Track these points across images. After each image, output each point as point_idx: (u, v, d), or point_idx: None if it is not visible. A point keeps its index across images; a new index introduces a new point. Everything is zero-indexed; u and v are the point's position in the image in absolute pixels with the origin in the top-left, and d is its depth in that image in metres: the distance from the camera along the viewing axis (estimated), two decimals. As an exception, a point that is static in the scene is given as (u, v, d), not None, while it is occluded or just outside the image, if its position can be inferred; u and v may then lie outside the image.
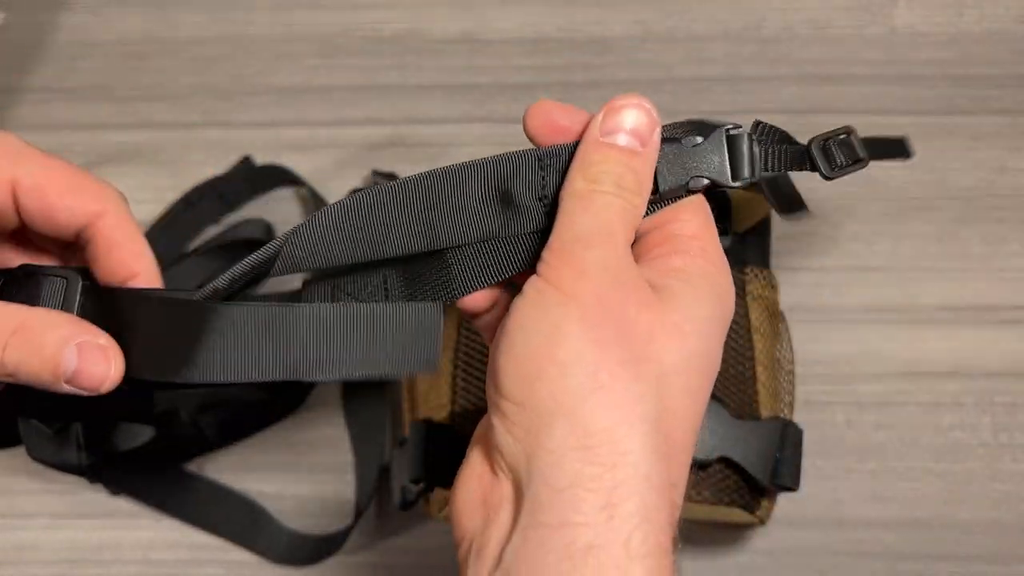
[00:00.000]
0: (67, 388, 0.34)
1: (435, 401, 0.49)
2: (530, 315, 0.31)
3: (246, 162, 0.59)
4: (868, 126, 0.60)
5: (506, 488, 0.31)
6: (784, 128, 0.62)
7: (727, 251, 0.49)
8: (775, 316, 0.51)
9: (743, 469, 0.46)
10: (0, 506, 0.56)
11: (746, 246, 0.51)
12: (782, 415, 0.49)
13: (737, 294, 0.50)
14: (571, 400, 0.29)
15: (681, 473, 0.31)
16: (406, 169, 0.59)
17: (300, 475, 0.56)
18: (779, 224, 0.56)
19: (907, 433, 0.56)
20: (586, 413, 0.29)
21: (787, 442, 0.47)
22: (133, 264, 0.37)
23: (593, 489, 0.28)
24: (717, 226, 0.49)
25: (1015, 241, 0.58)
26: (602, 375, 0.29)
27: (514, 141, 0.62)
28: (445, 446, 0.48)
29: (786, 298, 0.54)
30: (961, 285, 0.58)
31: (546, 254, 0.32)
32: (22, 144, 0.36)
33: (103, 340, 0.34)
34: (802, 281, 0.57)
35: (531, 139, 0.35)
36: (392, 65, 0.62)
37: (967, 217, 0.59)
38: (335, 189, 0.60)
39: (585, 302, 0.30)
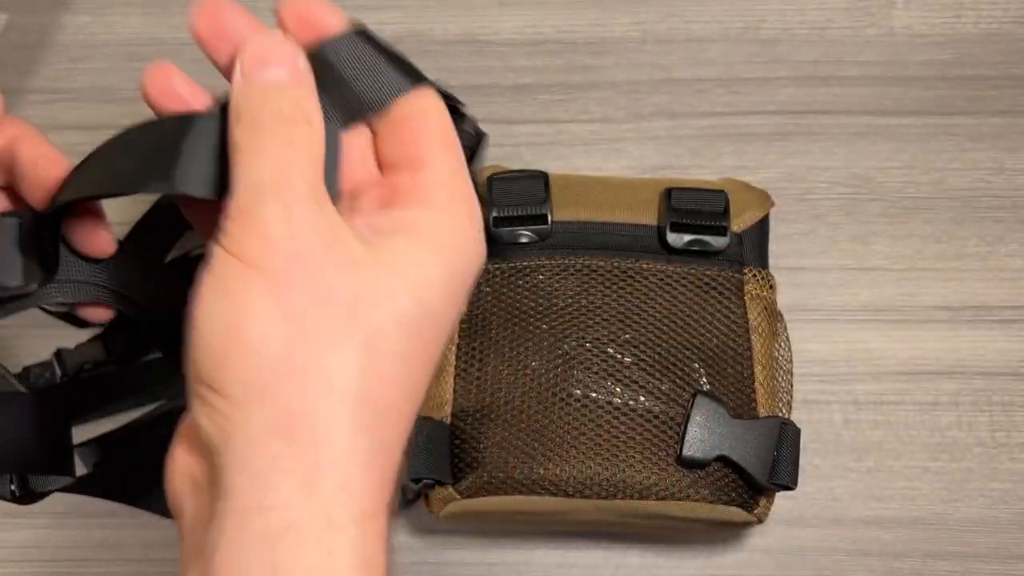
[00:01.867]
0: None
1: (435, 400, 0.50)
2: (214, 292, 0.28)
3: None
4: (866, 127, 0.61)
5: (208, 468, 0.29)
6: (783, 128, 0.63)
7: (726, 251, 0.50)
8: (773, 316, 0.51)
9: (741, 468, 0.46)
10: (1, 505, 0.56)
11: (744, 246, 0.51)
12: (780, 414, 0.49)
13: (735, 294, 0.50)
14: (266, 383, 0.27)
15: (395, 435, 0.29)
16: (406, 169, 0.59)
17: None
18: (778, 224, 0.56)
19: (905, 432, 0.56)
20: (283, 396, 0.27)
21: (785, 441, 0.48)
22: (58, 172, 0.36)
23: (292, 470, 0.27)
24: (716, 226, 0.50)
25: (1013, 241, 0.58)
26: (297, 354, 0.27)
27: (513, 141, 0.63)
28: (445, 445, 0.48)
29: (784, 298, 0.54)
30: (959, 285, 0.58)
31: (223, 221, 0.28)
32: None
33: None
34: (800, 281, 0.58)
35: (199, 41, 0.33)
36: (392, 66, 0.62)
37: (965, 217, 0.59)
38: (335, 189, 0.60)
39: (271, 270, 0.27)
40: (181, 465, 0.30)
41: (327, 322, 0.27)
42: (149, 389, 0.55)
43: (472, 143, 0.33)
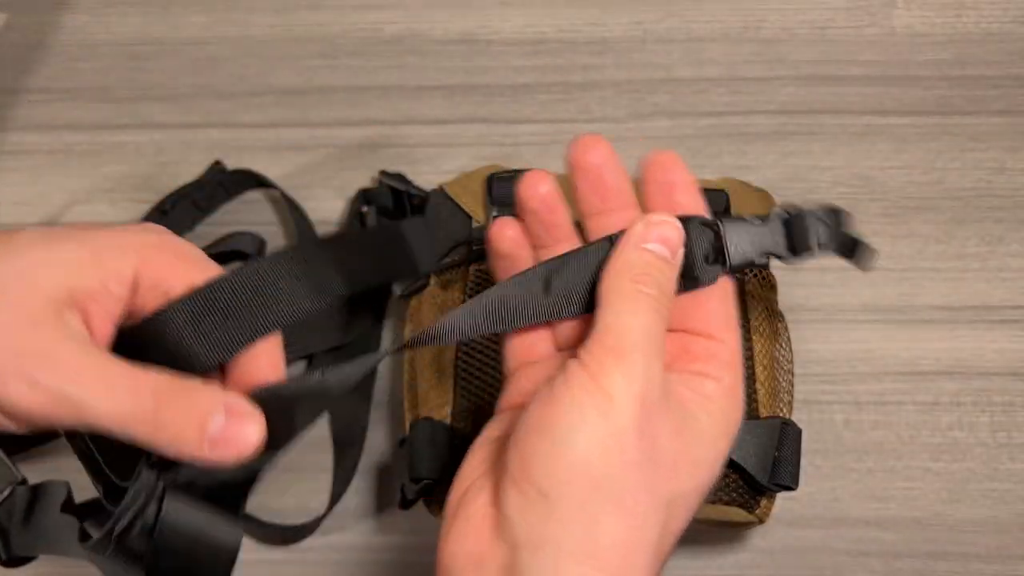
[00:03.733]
0: (207, 454, 0.35)
1: (435, 400, 0.49)
2: (573, 414, 0.32)
3: (217, 166, 0.59)
4: (867, 126, 0.61)
5: (503, 556, 0.32)
6: (784, 128, 0.63)
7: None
8: (774, 316, 0.51)
9: (742, 468, 0.46)
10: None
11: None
12: (781, 414, 0.49)
13: (735, 294, 0.50)
14: (593, 512, 0.31)
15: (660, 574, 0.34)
16: (406, 169, 0.59)
17: (300, 474, 0.56)
18: (778, 224, 0.56)
19: (905, 432, 0.56)
20: (603, 527, 0.31)
21: (786, 441, 0.48)
22: (269, 369, 0.39)
23: None
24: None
25: (1014, 241, 0.58)
26: (627, 499, 0.31)
27: (513, 141, 0.63)
28: (445, 445, 0.48)
29: (785, 298, 0.54)
30: (959, 285, 0.58)
31: (595, 346, 0.33)
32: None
33: (249, 407, 0.36)
34: (801, 281, 0.58)
35: (644, 180, 0.38)
36: (392, 65, 0.62)
37: (965, 217, 0.59)
38: (336, 189, 0.60)
39: (627, 419, 0.32)
40: (464, 547, 0.34)
41: (652, 481, 0.32)
42: None
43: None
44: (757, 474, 0.46)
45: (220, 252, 0.58)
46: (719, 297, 0.37)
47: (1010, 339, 0.57)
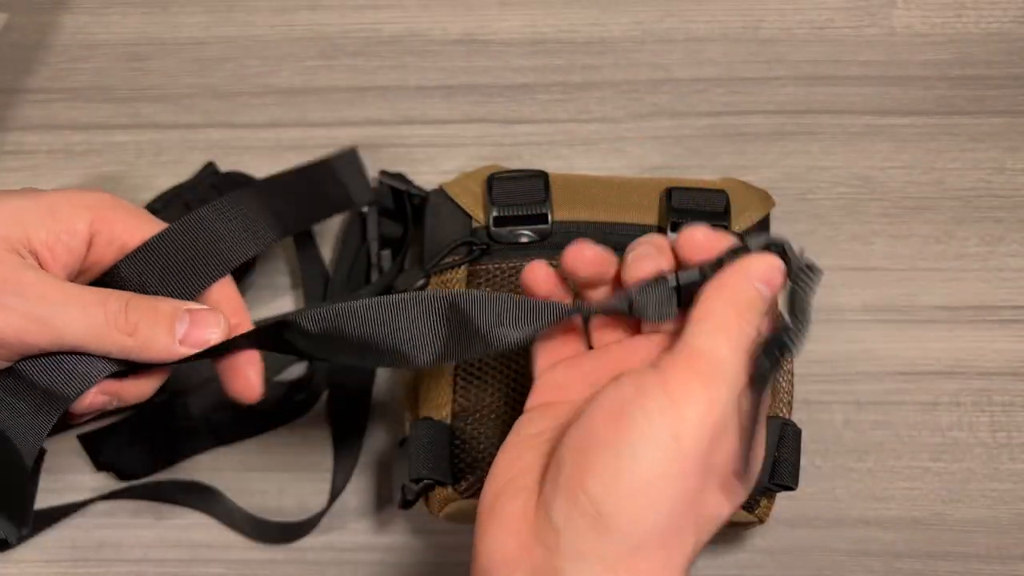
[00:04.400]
0: (180, 349, 0.39)
1: (435, 400, 0.49)
2: (642, 428, 0.32)
3: (209, 167, 0.59)
4: (867, 126, 0.61)
5: (541, 560, 0.33)
6: (783, 128, 0.63)
7: (726, 251, 0.50)
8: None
9: (742, 468, 0.46)
10: None
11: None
12: (781, 415, 0.49)
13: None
14: (645, 535, 0.32)
15: None
16: (406, 169, 0.59)
17: (300, 474, 0.56)
18: (778, 224, 0.56)
19: (905, 432, 0.56)
20: (650, 550, 0.32)
21: (786, 441, 0.48)
22: (236, 317, 0.42)
23: None
24: (717, 226, 0.50)
25: (1013, 241, 0.58)
26: (675, 521, 0.32)
27: (513, 142, 0.63)
28: (445, 445, 0.48)
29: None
30: (959, 285, 0.58)
31: (680, 366, 0.33)
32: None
33: (208, 307, 0.40)
34: (801, 281, 0.57)
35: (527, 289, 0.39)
36: (392, 65, 0.62)
37: (965, 217, 0.59)
38: (335, 189, 0.60)
39: (696, 446, 0.32)
40: (503, 546, 0.34)
41: (700, 503, 0.33)
42: None
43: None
44: (757, 474, 0.46)
45: None
46: None
47: (1010, 339, 0.57)
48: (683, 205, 0.50)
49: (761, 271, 0.36)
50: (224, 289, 0.43)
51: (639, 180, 0.54)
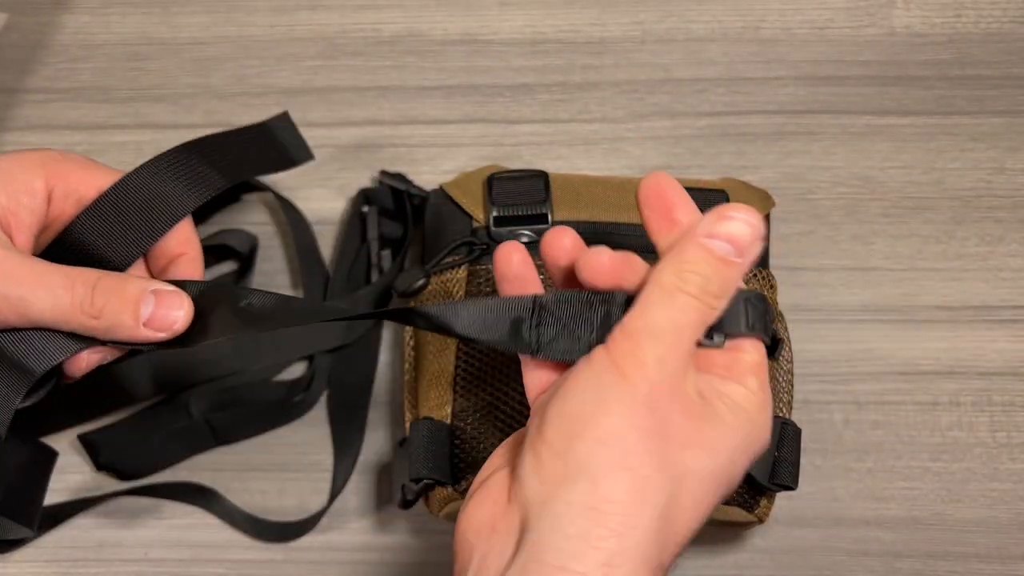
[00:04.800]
0: (144, 332, 0.40)
1: (435, 400, 0.49)
2: (589, 382, 0.34)
3: None
4: (867, 126, 0.61)
5: (515, 520, 0.34)
6: (783, 128, 0.63)
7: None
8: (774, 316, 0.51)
9: (742, 468, 0.46)
10: None
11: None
12: (781, 414, 0.49)
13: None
14: (601, 467, 0.32)
15: (671, 558, 0.34)
16: (406, 169, 0.59)
17: (300, 474, 0.56)
18: (778, 224, 0.56)
19: (905, 432, 0.56)
20: (609, 483, 0.32)
21: (786, 441, 0.48)
22: (184, 246, 0.44)
23: (598, 547, 0.32)
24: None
25: (1013, 241, 0.58)
26: (632, 458, 0.32)
27: (513, 141, 0.63)
28: (445, 445, 0.48)
29: (784, 298, 0.54)
30: (959, 285, 0.58)
31: (617, 331, 0.34)
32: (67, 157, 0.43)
33: (174, 288, 0.40)
34: (800, 281, 0.58)
35: (641, 206, 0.37)
36: (392, 65, 0.62)
37: (965, 217, 0.59)
38: (336, 189, 0.60)
39: (638, 392, 0.33)
40: (488, 505, 0.35)
41: (660, 448, 0.33)
42: (130, 391, 0.56)
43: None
44: (757, 474, 0.46)
45: (211, 247, 0.58)
46: None
47: (1010, 339, 0.57)
48: (683, 205, 0.50)
49: (712, 229, 0.34)
50: (183, 230, 0.44)
51: (639, 180, 0.53)
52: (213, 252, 0.58)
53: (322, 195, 0.60)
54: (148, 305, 0.40)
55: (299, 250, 0.58)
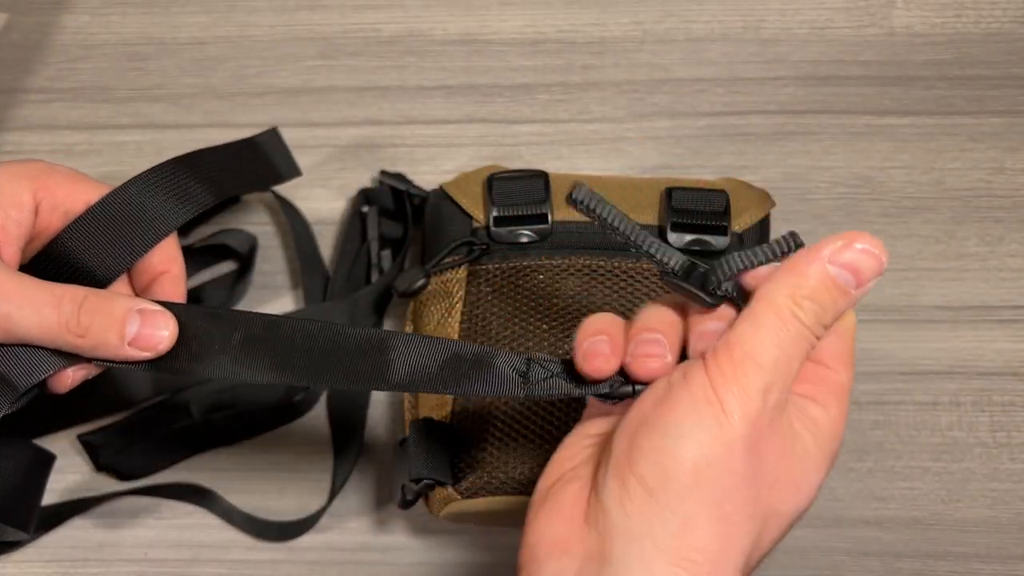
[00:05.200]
0: (128, 351, 0.39)
1: (435, 400, 0.49)
2: (687, 415, 0.32)
3: None
4: (867, 126, 0.61)
5: (592, 546, 0.33)
6: (784, 128, 0.63)
7: (727, 251, 0.50)
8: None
9: (742, 468, 0.46)
10: None
11: (745, 246, 0.51)
12: (781, 414, 0.49)
13: (736, 294, 0.50)
14: (693, 512, 0.32)
15: None
16: (406, 169, 0.59)
17: (300, 474, 0.56)
18: (778, 224, 0.56)
19: (905, 432, 0.56)
20: (700, 529, 0.31)
21: (786, 441, 0.48)
22: (168, 264, 0.44)
23: None
24: (717, 226, 0.50)
25: (1013, 241, 0.58)
26: (726, 505, 0.32)
27: (513, 141, 0.63)
28: (445, 445, 0.48)
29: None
30: (959, 285, 0.58)
31: (721, 353, 0.33)
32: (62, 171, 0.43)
33: (159, 307, 0.40)
34: (801, 281, 0.57)
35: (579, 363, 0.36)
36: (392, 65, 0.62)
37: (965, 217, 0.59)
38: (336, 189, 0.60)
39: (737, 432, 0.32)
40: (552, 530, 0.34)
41: (753, 493, 0.32)
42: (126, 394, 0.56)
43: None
44: (757, 474, 0.46)
45: (210, 246, 0.58)
46: (838, 333, 0.36)
47: (1010, 339, 0.57)
48: (683, 205, 0.51)
49: (836, 255, 0.33)
50: (168, 247, 0.44)
51: (639, 180, 0.54)
52: (213, 252, 0.58)
53: (322, 195, 0.60)
54: (133, 324, 0.39)
55: (299, 250, 0.58)
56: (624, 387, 0.36)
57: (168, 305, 0.41)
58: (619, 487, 0.32)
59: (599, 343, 0.35)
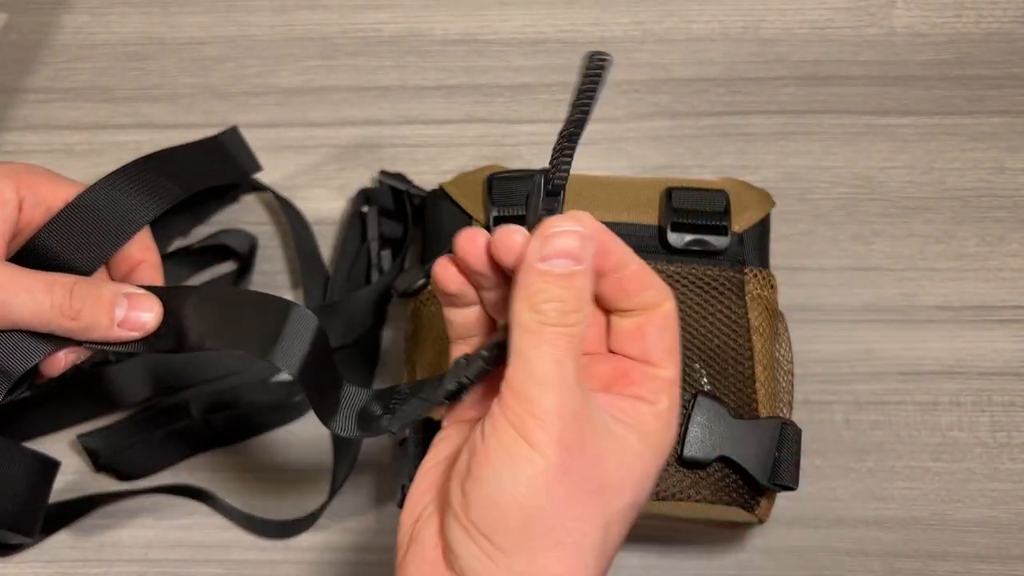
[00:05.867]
0: (118, 332, 0.42)
1: (435, 400, 0.49)
2: (502, 461, 0.33)
3: None
4: (867, 126, 0.61)
5: None
6: (784, 128, 0.63)
7: (727, 251, 0.50)
8: (774, 316, 0.51)
9: (742, 468, 0.46)
10: None
11: (745, 246, 0.51)
12: (781, 414, 0.49)
13: (736, 294, 0.50)
14: (531, 548, 0.32)
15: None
16: (406, 169, 0.59)
17: (299, 475, 0.56)
18: (778, 224, 0.56)
19: (905, 432, 0.56)
20: (541, 561, 0.33)
21: (786, 441, 0.48)
22: (144, 254, 0.46)
23: None
24: (717, 226, 0.50)
25: (1013, 241, 0.58)
26: (559, 532, 0.33)
27: (513, 141, 0.63)
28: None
29: (785, 298, 0.54)
30: (959, 285, 0.58)
31: (505, 393, 0.33)
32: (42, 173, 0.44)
33: (144, 291, 0.43)
34: (801, 281, 0.58)
35: (461, 259, 0.36)
36: (392, 65, 0.62)
37: (965, 217, 0.59)
38: (336, 189, 0.60)
39: (549, 459, 0.32)
40: (426, 568, 0.35)
41: (585, 505, 0.33)
42: (121, 393, 0.56)
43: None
44: (757, 474, 0.46)
45: (210, 246, 0.58)
46: (657, 326, 0.35)
47: (1010, 339, 0.57)
48: (683, 205, 0.50)
49: (541, 251, 0.33)
50: (142, 239, 0.46)
51: (639, 180, 0.53)
52: (213, 252, 0.58)
53: (322, 195, 0.60)
54: (122, 307, 0.42)
55: (299, 250, 0.58)
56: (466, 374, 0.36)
57: (151, 289, 0.43)
58: (463, 534, 0.33)
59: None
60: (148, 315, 0.42)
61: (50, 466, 0.47)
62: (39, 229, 0.44)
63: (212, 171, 0.53)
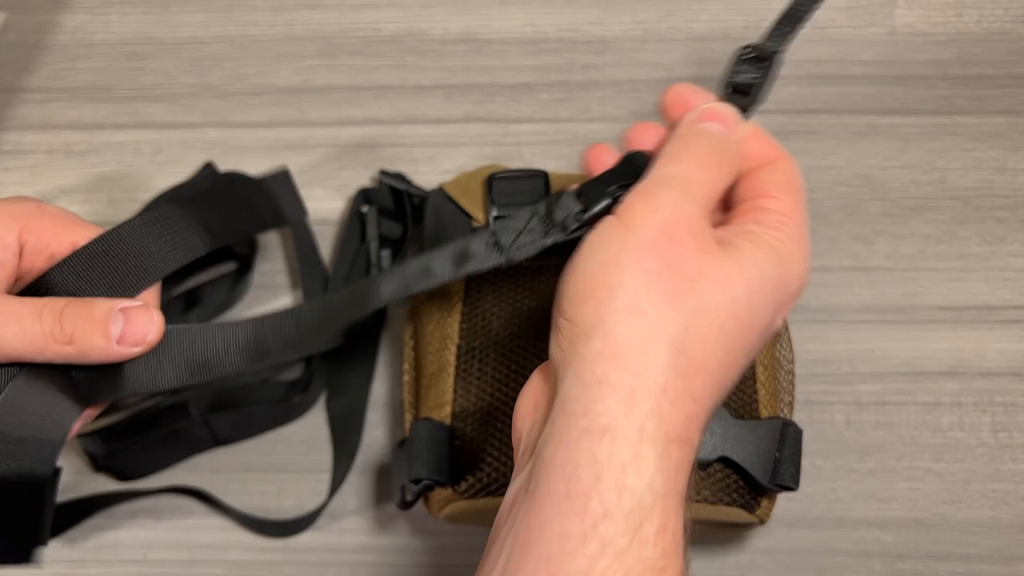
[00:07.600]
0: (118, 350, 0.40)
1: (435, 400, 0.49)
2: (594, 245, 0.35)
3: (208, 168, 0.59)
4: (868, 126, 0.61)
5: (552, 392, 0.35)
6: (784, 128, 0.63)
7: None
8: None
9: (743, 469, 0.46)
10: None
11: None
12: (782, 415, 0.49)
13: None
14: (611, 318, 0.33)
15: (704, 391, 0.34)
16: (406, 169, 0.59)
17: (299, 475, 0.56)
18: (779, 224, 0.56)
19: (907, 433, 0.56)
20: (621, 331, 0.33)
21: (787, 442, 0.47)
22: (144, 299, 0.43)
23: (616, 388, 0.32)
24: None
25: (1015, 241, 0.58)
26: (642, 302, 0.33)
27: (513, 141, 0.63)
28: (445, 445, 0.48)
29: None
30: (961, 285, 0.58)
31: (628, 196, 0.35)
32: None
33: (140, 303, 0.41)
34: (802, 281, 0.57)
35: (664, 116, 0.40)
36: (392, 65, 0.62)
37: (967, 217, 0.59)
38: (336, 189, 0.60)
39: (644, 236, 0.34)
40: (530, 393, 0.37)
41: (670, 285, 0.33)
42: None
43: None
44: (758, 475, 0.46)
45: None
46: (770, 168, 0.39)
47: (1012, 339, 0.57)
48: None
49: (701, 116, 0.38)
50: (149, 295, 0.43)
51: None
52: (213, 252, 0.58)
53: (322, 195, 0.60)
54: (117, 323, 0.40)
55: (299, 250, 0.58)
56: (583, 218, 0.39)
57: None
58: (555, 332, 0.35)
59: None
60: (148, 326, 0.40)
61: (52, 474, 0.46)
62: (41, 273, 0.41)
63: (250, 220, 0.51)
